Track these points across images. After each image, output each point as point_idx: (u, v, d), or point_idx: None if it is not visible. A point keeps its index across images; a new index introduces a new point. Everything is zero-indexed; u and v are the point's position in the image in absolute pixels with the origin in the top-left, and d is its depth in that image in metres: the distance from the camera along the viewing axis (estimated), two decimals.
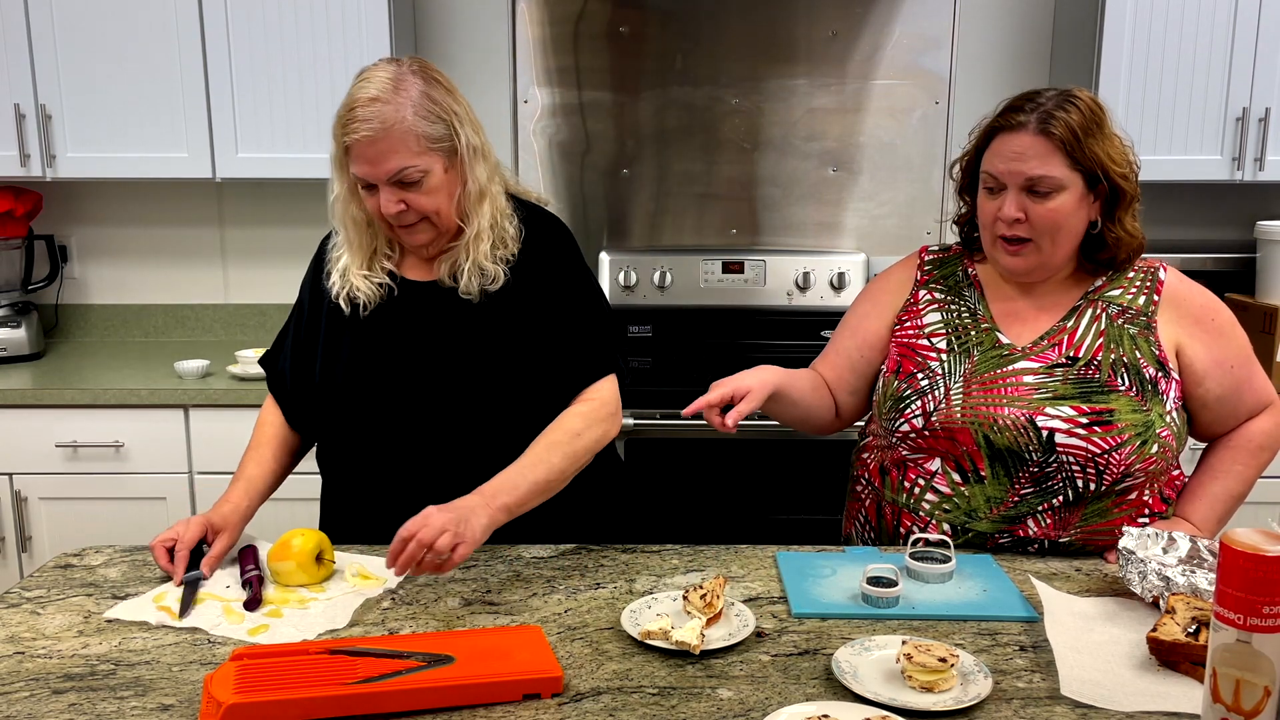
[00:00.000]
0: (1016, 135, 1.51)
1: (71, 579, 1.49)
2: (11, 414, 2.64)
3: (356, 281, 1.64)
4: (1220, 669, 1.00)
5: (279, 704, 1.11)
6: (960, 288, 1.68)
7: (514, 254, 1.63)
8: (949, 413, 1.57)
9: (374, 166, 1.53)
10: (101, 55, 2.78)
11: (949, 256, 1.73)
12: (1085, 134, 1.50)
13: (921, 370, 1.62)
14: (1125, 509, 1.57)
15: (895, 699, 1.14)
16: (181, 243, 3.26)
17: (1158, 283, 1.62)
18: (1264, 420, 1.65)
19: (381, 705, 1.13)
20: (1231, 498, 1.63)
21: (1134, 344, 1.57)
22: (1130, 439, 1.51)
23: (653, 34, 3.03)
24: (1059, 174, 1.50)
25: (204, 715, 1.12)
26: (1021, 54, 3.13)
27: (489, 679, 1.16)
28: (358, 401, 1.64)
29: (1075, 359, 1.57)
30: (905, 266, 1.76)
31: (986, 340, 1.62)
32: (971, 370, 1.59)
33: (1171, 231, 3.20)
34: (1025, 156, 1.50)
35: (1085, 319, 1.60)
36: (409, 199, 1.55)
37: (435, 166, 1.56)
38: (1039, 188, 1.50)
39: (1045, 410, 1.53)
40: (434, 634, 1.29)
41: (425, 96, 1.55)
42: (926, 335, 1.65)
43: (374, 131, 1.51)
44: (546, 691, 1.17)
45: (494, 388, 1.61)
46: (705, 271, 3.07)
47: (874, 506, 1.70)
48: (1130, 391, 1.54)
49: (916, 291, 1.71)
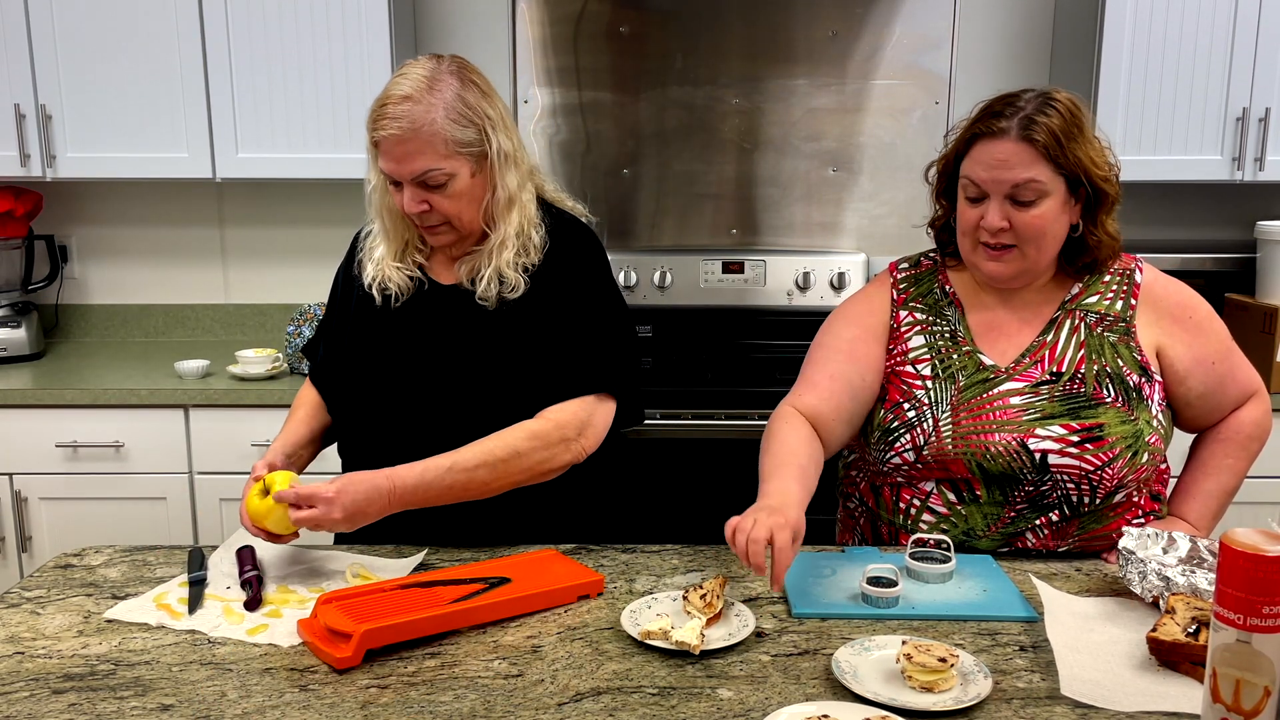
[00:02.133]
0: (999, 142, 1.48)
1: (71, 579, 1.49)
2: (11, 414, 2.64)
3: (389, 271, 1.64)
4: (1220, 669, 1.00)
5: (404, 624, 1.27)
6: (940, 306, 1.64)
7: (535, 263, 1.61)
8: (940, 445, 1.54)
9: (399, 165, 1.53)
10: (101, 55, 2.78)
11: (922, 272, 1.68)
12: (1067, 138, 1.47)
13: (908, 400, 1.58)
14: (1119, 512, 1.57)
15: (895, 699, 1.14)
16: (181, 243, 3.26)
17: (1134, 285, 1.60)
18: (1251, 410, 1.63)
19: (479, 617, 1.34)
20: (1225, 493, 1.63)
21: (1115, 352, 1.56)
22: (1121, 452, 1.50)
23: (653, 34, 3.03)
24: (1043, 181, 1.47)
25: (322, 648, 1.24)
26: (1021, 54, 3.13)
27: (550, 587, 1.39)
28: (373, 394, 1.64)
29: (1059, 374, 1.55)
30: (878, 287, 1.69)
31: (970, 364, 1.58)
32: (958, 397, 1.56)
33: (1171, 231, 3.20)
34: (1009, 164, 1.47)
35: (1064, 331, 1.58)
36: (432, 200, 1.55)
37: (462, 171, 1.55)
38: (1023, 196, 1.47)
39: (1035, 432, 1.51)
40: (476, 564, 1.48)
41: (459, 99, 1.54)
42: (911, 361, 1.61)
43: (402, 130, 1.51)
44: (593, 592, 1.42)
45: (499, 392, 1.60)
46: (705, 271, 3.07)
47: (869, 525, 1.69)
48: (1117, 403, 1.52)
49: (897, 313, 1.65)
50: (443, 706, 1.15)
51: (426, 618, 1.29)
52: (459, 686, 1.19)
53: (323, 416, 1.75)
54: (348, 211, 3.05)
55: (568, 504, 1.66)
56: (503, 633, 1.32)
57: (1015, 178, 1.47)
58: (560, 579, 1.42)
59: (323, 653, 1.25)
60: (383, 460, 1.65)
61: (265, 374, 2.72)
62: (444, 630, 1.31)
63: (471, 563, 1.49)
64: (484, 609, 1.34)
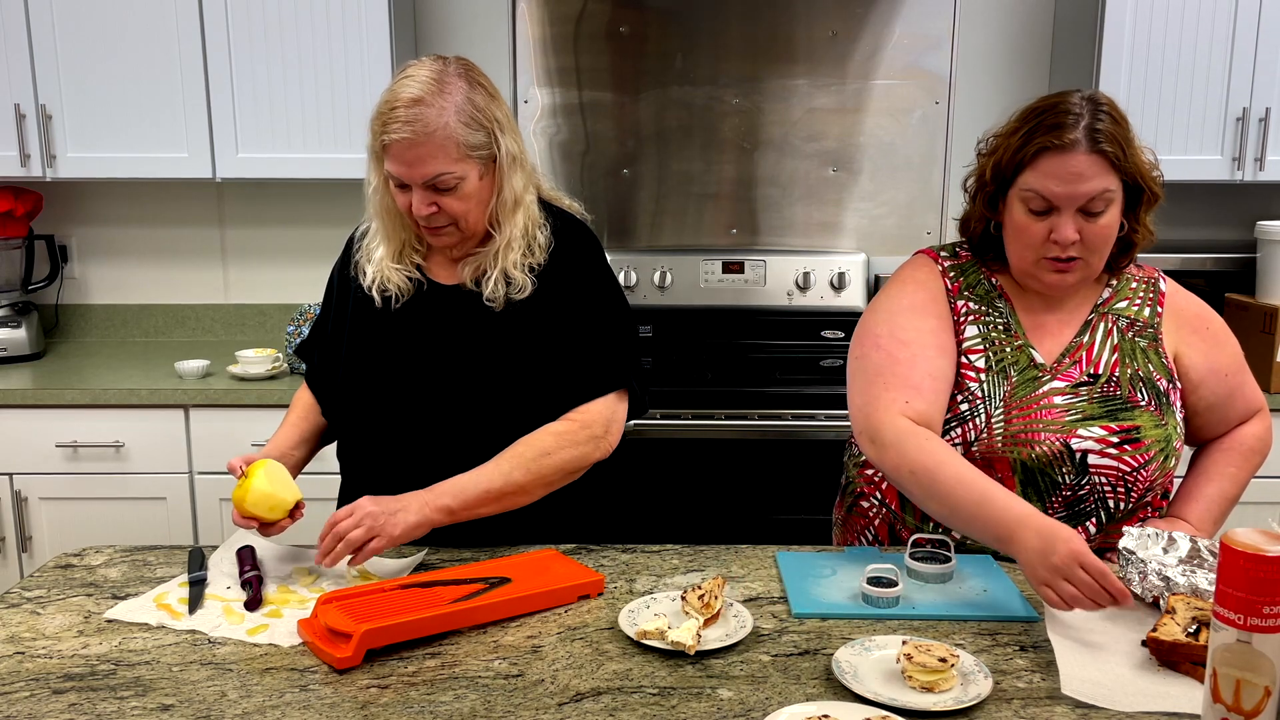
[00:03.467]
0: (1071, 155, 1.44)
1: (71, 579, 1.49)
2: (11, 414, 2.64)
3: (388, 272, 1.63)
4: (1220, 669, 1.00)
5: (404, 624, 1.27)
6: (991, 298, 1.60)
7: (540, 263, 1.61)
8: (990, 442, 1.52)
9: (410, 169, 1.52)
10: (101, 55, 2.78)
11: (964, 263, 1.63)
12: (1126, 145, 1.46)
13: (961, 393, 1.55)
14: (1139, 520, 1.58)
15: (895, 699, 1.14)
16: (181, 243, 3.26)
17: (1160, 294, 1.62)
18: (1254, 425, 1.67)
19: (479, 617, 1.34)
20: (1226, 500, 1.63)
21: (1145, 357, 1.57)
22: (1155, 455, 1.52)
23: (653, 34, 3.03)
24: (1114, 190, 1.46)
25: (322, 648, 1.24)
26: (1021, 54, 3.13)
27: (551, 587, 1.39)
28: (374, 396, 1.64)
29: (1096, 376, 1.56)
30: (929, 272, 1.62)
31: (1022, 359, 1.56)
32: (1010, 393, 1.54)
33: (1171, 231, 3.20)
34: (1084, 176, 1.44)
35: (1099, 334, 1.59)
36: (442, 202, 1.54)
37: (471, 173, 1.54)
38: (1095, 207, 1.46)
39: (1078, 432, 1.52)
40: (476, 564, 1.48)
41: (469, 102, 1.52)
42: (964, 352, 1.57)
43: (414, 134, 1.49)
44: (593, 592, 1.42)
45: (507, 394, 1.60)
46: (705, 271, 3.07)
47: (885, 527, 1.67)
48: (1150, 407, 1.54)
49: (955, 303, 1.60)
50: (443, 706, 1.15)
51: (426, 618, 1.29)
52: (459, 686, 1.19)
53: (315, 419, 1.75)
54: (348, 211, 3.05)
55: (568, 504, 1.65)
56: (503, 633, 1.32)
57: (1091, 190, 1.45)
58: (560, 579, 1.42)
59: (323, 653, 1.25)
60: (384, 462, 1.65)
61: (265, 374, 2.72)
62: (444, 630, 1.31)
63: (471, 563, 1.49)
64: (484, 609, 1.34)
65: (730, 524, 2.64)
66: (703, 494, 2.63)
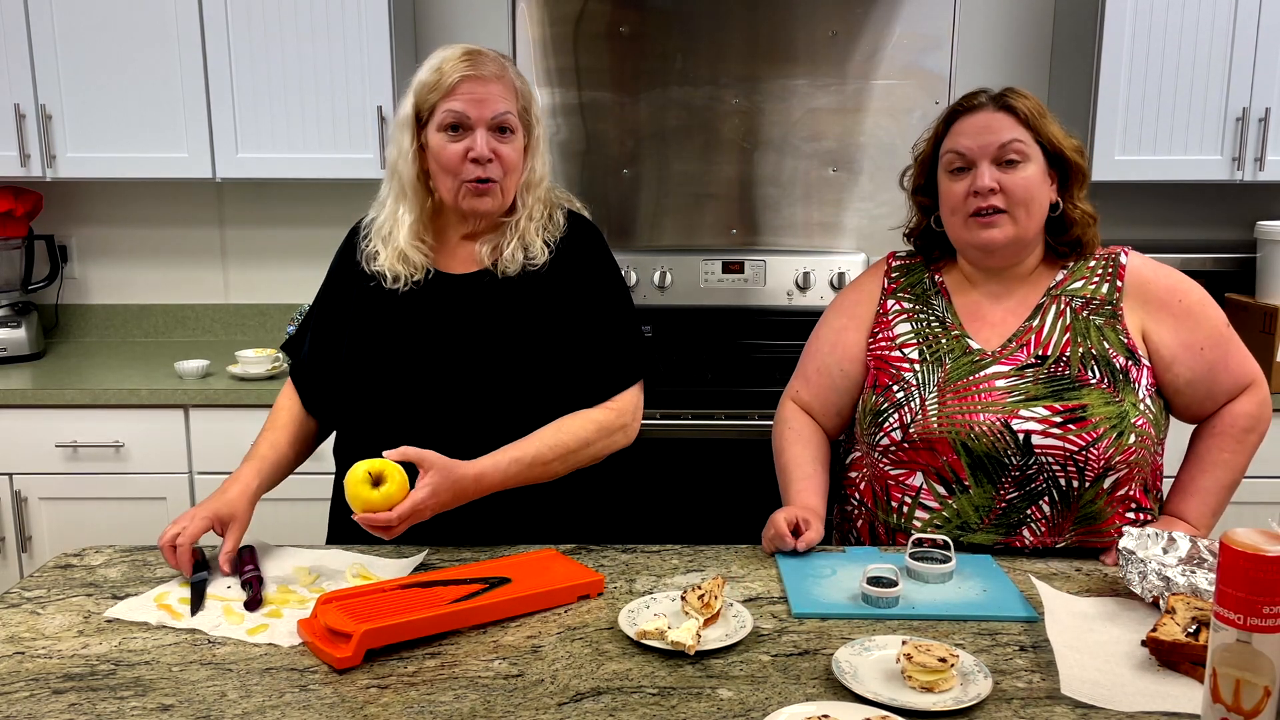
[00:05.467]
0: (980, 113, 1.58)
1: (71, 579, 1.50)
2: (11, 414, 2.64)
3: (407, 249, 1.61)
4: (1220, 669, 1.00)
5: (404, 624, 1.27)
6: (928, 295, 1.69)
7: (556, 239, 1.65)
8: (925, 423, 1.57)
9: (479, 107, 1.55)
10: (102, 55, 2.79)
11: (915, 264, 1.74)
12: (1039, 114, 1.58)
13: (896, 382, 1.63)
14: (1113, 505, 1.57)
15: (895, 699, 1.14)
16: (181, 243, 3.26)
17: (1119, 268, 1.62)
18: (1245, 402, 1.62)
19: (479, 617, 1.34)
20: (1223, 488, 1.62)
21: (1101, 334, 1.58)
22: (1105, 433, 1.52)
23: (653, 34, 3.03)
24: (1025, 142, 1.56)
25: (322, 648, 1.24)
26: (1021, 54, 3.13)
27: (551, 587, 1.39)
28: (382, 384, 1.62)
29: (1044, 358, 1.58)
30: (873, 276, 1.76)
31: (957, 347, 1.62)
32: (945, 378, 1.60)
33: (1171, 231, 3.20)
34: (992, 128, 1.56)
35: (1050, 316, 1.61)
36: (499, 150, 1.57)
37: (519, 131, 1.60)
38: (1008, 155, 1.55)
39: (1019, 413, 1.54)
40: (476, 564, 1.48)
41: (517, 74, 1.61)
42: (898, 346, 1.66)
43: (483, 73, 1.55)
44: (593, 592, 1.42)
45: (523, 378, 1.60)
46: (705, 271, 3.07)
47: (867, 527, 1.70)
48: (1101, 384, 1.54)
49: (884, 301, 1.71)
50: (443, 706, 1.15)
51: (426, 618, 1.29)
52: (459, 686, 1.19)
53: (303, 437, 1.70)
54: (348, 211, 3.04)
55: (568, 504, 1.65)
56: (503, 633, 1.32)
57: (1000, 139, 1.55)
58: (560, 579, 1.42)
59: (323, 653, 1.25)
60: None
61: (265, 374, 2.72)
62: (444, 630, 1.31)
63: (471, 563, 1.50)
64: (484, 609, 1.34)
65: (730, 524, 2.64)
66: (703, 494, 2.63)
